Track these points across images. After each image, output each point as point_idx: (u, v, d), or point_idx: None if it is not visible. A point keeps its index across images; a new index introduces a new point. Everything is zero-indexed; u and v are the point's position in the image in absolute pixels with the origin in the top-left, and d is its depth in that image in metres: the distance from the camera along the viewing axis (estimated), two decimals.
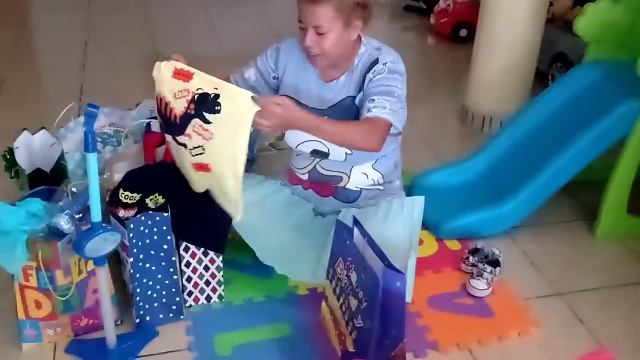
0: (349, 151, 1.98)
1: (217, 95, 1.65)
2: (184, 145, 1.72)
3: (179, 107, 1.69)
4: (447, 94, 3.48)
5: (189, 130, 1.69)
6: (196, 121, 1.67)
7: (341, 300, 1.76)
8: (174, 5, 4.76)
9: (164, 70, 1.72)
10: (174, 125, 1.71)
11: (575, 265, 2.24)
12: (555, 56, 3.36)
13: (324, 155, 2.01)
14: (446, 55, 4.08)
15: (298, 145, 2.03)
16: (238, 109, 1.64)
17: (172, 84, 1.71)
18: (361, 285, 1.66)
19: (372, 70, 1.90)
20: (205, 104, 1.65)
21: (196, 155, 1.71)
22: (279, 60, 2.01)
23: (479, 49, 3.01)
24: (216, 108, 1.64)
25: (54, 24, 4.33)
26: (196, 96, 1.66)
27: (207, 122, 1.65)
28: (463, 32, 4.10)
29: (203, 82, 1.69)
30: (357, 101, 1.93)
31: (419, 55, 4.18)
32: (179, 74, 1.71)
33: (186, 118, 1.68)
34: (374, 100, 1.86)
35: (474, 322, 1.95)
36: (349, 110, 1.95)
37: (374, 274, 1.60)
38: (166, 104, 1.72)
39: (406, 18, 4.57)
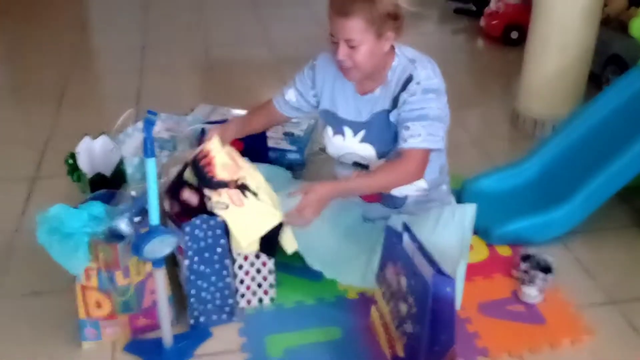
0: None
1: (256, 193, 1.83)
2: (209, 197, 1.81)
3: (220, 173, 1.81)
4: (498, 97, 3.45)
5: (221, 191, 1.80)
6: (234, 191, 1.80)
7: (391, 305, 1.78)
8: (228, 8, 4.85)
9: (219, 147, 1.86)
10: (207, 180, 1.82)
11: (630, 273, 2.20)
12: (609, 58, 3.29)
13: (365, 168, 2.04)
14: (497, 57, 4.04)
15: (339, 156, 2.06)
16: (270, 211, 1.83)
17: (223, 156, 1.84)
18: (411, 290, 1.67)
19: (406, 90, 1.89)
20: (247, 189, 1.82)
21: (217, 208, 1.80)
22: (316, 77, 2.03)
23: (530, 52, 2.98)
24: (256, 194, 1.83)
25: (112, 28, 4.47)
26: (239, 181, 1.82)
27: (245, 196, 1.81)
28: (514, 34, 4.05)
29: (250, 176, 1.83)
30: (392, 118, 1.94)
31: (469, 57, 4.15)
32: (232, 160, 1.85)
33: (222, 185, 1.80)
34: (408, 128, 1.87)
35: (525, 329, 1.93)
36: (383, 124, 1.96)
37: (423, 279, 1.61)
38: (209, 161, 1.82)
39: (456, 20, 4.54)
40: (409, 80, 1.90)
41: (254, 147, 2.43)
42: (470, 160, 2.78)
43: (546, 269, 2.07)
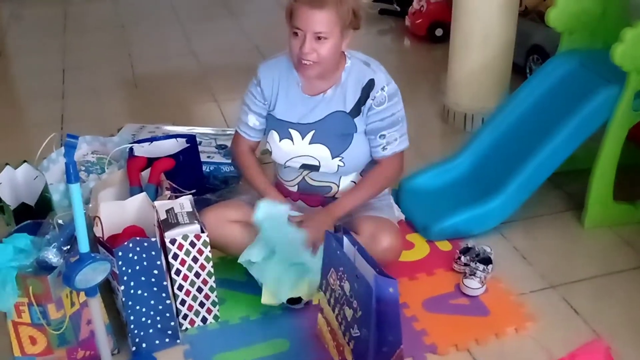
0: (341, 163, 1.99)
1: None
2: None
3: None
4: (427, 95, 3.50)
5: None
6: None
7: (336, 311, 1.76)
8: (150, 24, 4.76)
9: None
10: None
11: (566, 257, 2.26)
12: (531, 49, 3.39)
13: (315, 168, 2.02)
14: (424, 55, 4.10)
15: (286, 162, 2.04)
16: None
17: None
18: (355, 294, 1.66)
19: (371, 97, 1.94)
20: None
21: None
22: (264, 91, 2.01)
23: (454, 48, 3.03)
24: None
25: (31, 53, 4.31)
26: None
27: None
28: (439, 32, 4.12)
29: None
30: (356, 121, 1.97)
31: (397, 57, 4.20)
32: None
33: None
34: (384, 136, 1.98)
35: (470, 322, 1.95)
36: (337, 124, 1.97)
37: (366, 282, 1.60)
38: None
39: (382, 22, 4.59)
40: (371, 85, 1.93)
41: (187, 163, 2.38)
42: (405, 159, 2.78)
43: (486, 260, 2.09)
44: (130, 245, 1.75)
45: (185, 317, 1.94)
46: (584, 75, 2.41)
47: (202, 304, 1.94)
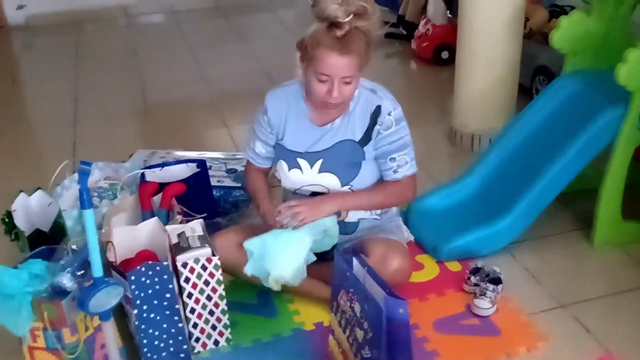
0: (351, 190, 2.01)
1: None
2: None
3: None
4: (434, 116, 3.52)
5: None
6: None
7: (347, 332, 1.77)
8: (161, 50, 4.82)
9: None
10: None
11: (576, 276, 2.26)
12: (537, 70, 3.41)
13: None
14: (430, 78, 4.14)
15: (296, 190, 2.06)
16: None
17: None
18: (365, 315, 1.67)
19: (379, 122, 1.96)
20: None
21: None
22: (271, 120, 2.03)
23: (460, 70, 3.06)
24: None
25: (44, 80, 4.37)
26: None
27: None
28: (445, 55, 4.16)
29: None
30: (365, 149, 1.99)
31: (404, 80, 4.24)
32: None
33: None
34: (395, 159, 2.00)
35: (481, 342, 1.96)
36: (346, 153, 1.99)
37: (376, 303, 1.61)
38: None
39: (388, 45, 4.63)
40: (377, 112, 1.95)
41: (197, 187, 2.41)
42: None
43: (496, 280, 2.10)
44: (143, 269, 1.77)
45: (197, 340, 1.95)
46: (589, 96, 2.43)
47: (214, 327, 1.96)
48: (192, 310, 1.91)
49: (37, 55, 4.95)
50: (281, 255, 1.85)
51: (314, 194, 2.05)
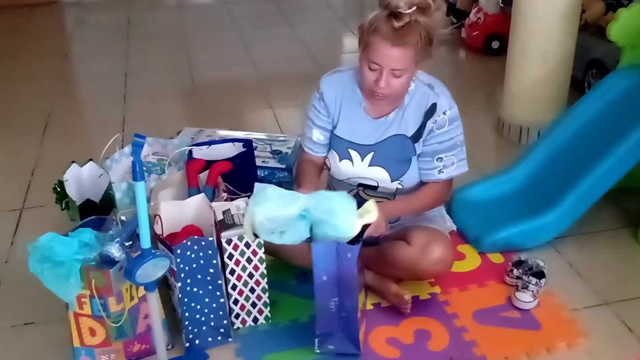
0: (400, 186, 2.01)
1: None
2: None
3: None
4: (482, 107, 3.48)
5: None
6: None
7: None
8: (210, 32, 4.86)
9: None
10: None
11: (621, 274, 2.21)
12: (590, 63, 3.33)
13: (372, 188, 2.04)
14: (479, 67, 4.08)
15: (344, 179, 2.06)
16: None
17: None
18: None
19: (432, 120, 1.93)
20: None
21: None
22: (328, 105, 2.02)
23: (512, 60, 3.01)
24: None
25: (94, 56, 4.47)
26: None
27: None
28: (495, 44, 4.09)
29: None
30: (415, 145, 1.97)
31: (452, 69, 4.19)
32: None
33: None
34: (442, 159, 1.97)
35: (521, 335, 1.94)
36: (398, 148, 1.98)
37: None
38: None
39: None
40: (433, 109, 1.93)
41: (243, 166, 2.43)
42: None
43: (539, 274, 2.07)
44: (189, 243, 1.80)
45: (237, 316, 1.98)
46: None
47: (254, 304, 1.98)
48: (234, 287, 1.94)
49: (89, 31, 5.05)
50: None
51: (362, 186, 2.05)
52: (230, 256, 1.89)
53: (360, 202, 1.98)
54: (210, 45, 4.61)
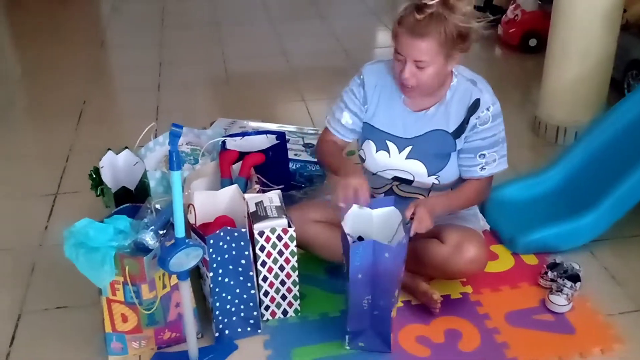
0: (436, 181, 1.99)
1: None
2: None
3: None
4: (518, 105, 3.42)
5: None
6: None
7: None
8: (243, 23, 4.87)
9: None
10: None
11: None
12: (630, 64, 3.26)
13: (408, 182, 2.02)
14: (515, 65, 4.02)
15: (379, 172, 2.04)
16: None
17: None
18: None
19: (476, 116, 1.91)
20: None
21: None
22: (367, 94, 2.00)
23: (551, 59, 2.96)
24: None
25: (129, 46, 4.50)
26: None
27: None
28: (532, 42, 4.03)
29: None
30: (456, 141, 1.95)
31: (487, 66, 4.12)
32: None
33: None
34: (484, 155, 1.95)
35: (554, 339, 1.91)
36: (437, 142, 1.96)
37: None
38: None
39: None
40: (476, 105, 1.91)
41: (275, 159, 2.43)
42: None
43: (574, 277, 2.04)
44: (222, 234, 1.80)
45: (267, 308, 1.98)
46: None
47: (284, 297, 1.98)
48: (265, 279, 1.94)
49: (124, 19, 5.09)
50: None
51: (397, 179, 2.03)
52: (262, 248, 1.89)
53: (394, 199, 1.98)
54: (244, 36, 4.62)
